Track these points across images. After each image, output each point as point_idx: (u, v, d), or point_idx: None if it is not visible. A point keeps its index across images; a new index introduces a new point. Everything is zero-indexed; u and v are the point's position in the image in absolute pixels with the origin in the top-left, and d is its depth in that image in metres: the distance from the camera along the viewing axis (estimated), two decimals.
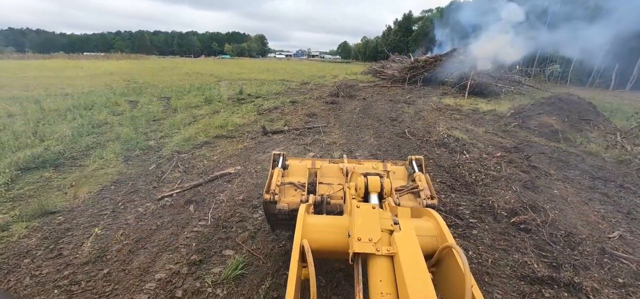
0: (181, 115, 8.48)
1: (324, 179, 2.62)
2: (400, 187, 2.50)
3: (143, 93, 12.45)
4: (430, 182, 2.46)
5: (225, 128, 7.24)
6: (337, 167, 2.75)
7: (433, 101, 13.33)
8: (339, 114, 9.67)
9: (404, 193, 2.43)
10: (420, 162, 2.74)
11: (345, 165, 2.73)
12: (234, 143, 6.21)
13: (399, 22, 74.22)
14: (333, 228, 1.53)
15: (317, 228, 1.52)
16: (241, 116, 8.64)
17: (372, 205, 1.51)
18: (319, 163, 2.80)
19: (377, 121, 8.85)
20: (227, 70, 28.48)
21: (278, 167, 2.65)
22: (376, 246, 1.27)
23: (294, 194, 2.47)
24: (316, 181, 2.60)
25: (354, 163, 2.90)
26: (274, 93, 13.68)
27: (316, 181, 2.59)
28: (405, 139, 7.03)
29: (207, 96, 11.34)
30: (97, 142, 6.03)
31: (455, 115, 10.14)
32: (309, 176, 2.63)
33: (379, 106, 11.28)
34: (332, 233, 1.50)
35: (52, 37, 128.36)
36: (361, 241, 1.28)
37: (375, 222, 1.37)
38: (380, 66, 24.88)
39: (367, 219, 1.38)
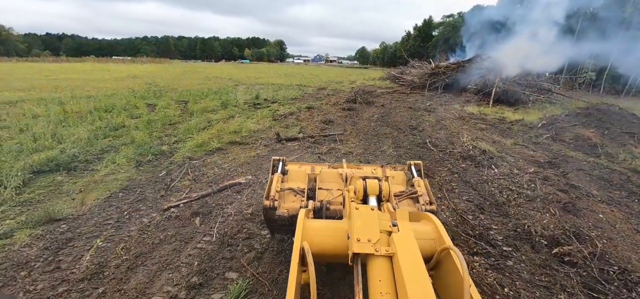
0: (197, 119, 8.44)
1: (323, 185, 2.61)
2: (399, 192, 2.49)
3: (162, 96, 12.63)
4: (429, 188, 2.44)
5: (239, 134, 7.09)
6: (336, 172, 2.74)
7: (455, 108, 12.73)
8: (356, 121, 9.34)
9: (403, 198, 2.42)
10: (419, 167, 2.75)
11: (344, 170, 2.70)
12: (247, 150, 6.02)
13: (419, 27, 72.97)
14: (332, 231, 1.53)
15: (317, 232, 1.52)
16: (256, 121, 8.50)
17: (371, 207, 1.51)
18: (318, 168, 2.79)
19: (396, 129, 8.45)
20: (245, 75, 28.83)
21: (277, 173, 2.64)
22: (375, 246, 1.27)
23: (293, 200, 2.46)
24: (315, 186, 2.58)
25: (353, 168, 2.89)
26: (291, 98, 13.54)
27: (315, 187, 2.57)
28: (427, 150, 6.60)
29: (224, 100, 11.33)
30: (112, 146, 6.02)
31: (480, 124, 9.55)
32: (308, 182, 2.62)
33: (398, 114, 10.85)
34: (332, 236, 1.50)
35: (85, 42, 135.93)
36: (360, 241, 1.29)
37: (374, 223, 1.37)
38: (399, 72, 24.33)
39: (366, 221, 1.39)
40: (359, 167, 2.95)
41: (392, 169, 2.94)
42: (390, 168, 2.95)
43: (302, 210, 1.66)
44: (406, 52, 68.38)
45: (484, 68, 16.94)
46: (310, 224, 1.58)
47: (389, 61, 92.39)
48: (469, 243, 3.23)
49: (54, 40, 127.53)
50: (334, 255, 1.48)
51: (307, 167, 2.83)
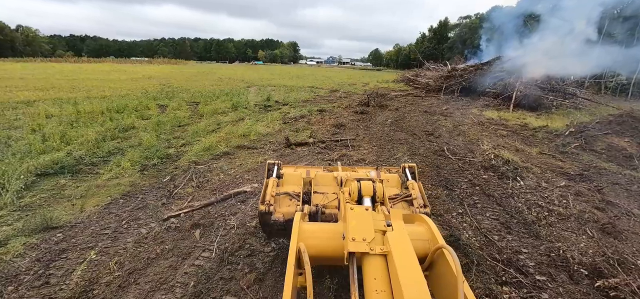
0: (206, 121, 8.32)
1: (318, 188, 2.60)
2: (394, 195, 2.50)
3: (174, 97, 12.66)
4: (423, 191, 2.45)
5: (248, 138, 6.89)
6: (331, 175, 2.72)
7: (473, 113, 12.19)
8: (369, 125, 9.00)
9: (397, 201, 2.42)
10: (413, 170, 2.74)
11: (339, 173, 2.70)
12: (255, 155, 5.80)
13: (434, 29, 71.67)
14: (328, 233, 1.54)
15: (313, 234, 1.53)
16: (266, 124, 8.29)
17: (366, 207, 1.53)
18: (313, 172, 2.77)
19: (411, 135, 8.06)
20: (257, 76, 28.90)
21: (273, 177, 2.63)
22: (370, 245, 1.29)
23: (289, 204, 2.47)
24: (311, 190, 2.57)
25: (348, 170, 2.88)
26: (302, 101, 13.32)
27: (311, 191, 2.56)
28: (445, 158, 6.20)
29: (235, 102, 11.21)
30: (119, 148, 5.92)
31: (501, 131, 9.03)
32: (303, 186, 2.61)
33: (412, 118, 10.43)
34: (327, 238, 1.51)
35: (106, 43, 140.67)
36: (355, 240, 1.30)
37: (369, 223, 1.39)
38: (414, 74, 23.77)
39: (360, 220, 1.40)
40: (354, 169, 2.95)
41: (386, 171, 2.96)
42: (385, 170, 2.97)
43: (298, 213, 1.65)
44: (421, 54, 67.18)
45: (503, 71, 16.22)
46: (306, 227, 1.59)
47: (402, 63, 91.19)
48: (496, 269, 2.86)
49: (76, 42, 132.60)
50: (330, 257, 1.49)
51: (302, 170, 2.83)
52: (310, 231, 1.57)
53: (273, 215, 2.31)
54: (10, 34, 74.93)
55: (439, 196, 4.43)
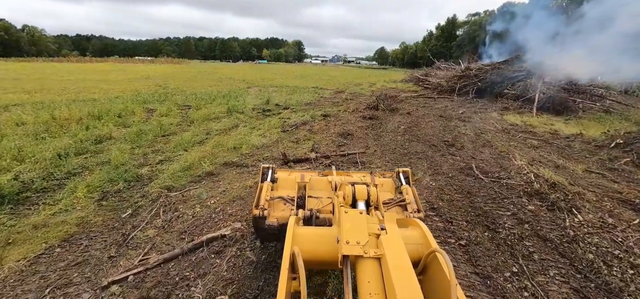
0: (194, 130, 7.34)
1: (313, 193, 2.57)
2: (388, 200, 2.48)
3: (167, 100, 11.73)
4: (417, 196, 2.45)
5: (239, 151, 5.88)
6: (325, 180, 2.70)
7: (493, 117, 11.04)
8: (380, 133, 7.93)
9: (391, 206, 2.41)
10: (407, 174, 2.74)
11: (334, 178, 2.69)
12: (243, 177, 4.78)
13: (442, 26, 69.98)
14: (322, 237, 1.54)
15: (307, 238, 1.53)
16: (262, 133, 7.28)
17: (360, 210, 1.55)
18: (308, 176, 2.75)
19: (429, 146, 6.98)
20: (260, 76, 27.93)
21: (267, 181, 2.60)
22: (364, 248, 1.29)
23: (283, 208, 2.43)
24: (305, 194, 2.54)
25: (343, 175, 2.87)
26: (305, 103, 12.28)
27: (305, 195, 2.53)
28: (474, 179, 5.12)
29: (230, 106, 10.22)
30: (84, 166, 4.96)
31: (531, 140, 7.89)
32: (298, 190, 2.59)
33: (427, 124, 9.33)
34: (322, 242, 1.51)
35: (111, 42, 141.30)
36: (349, 244, 1.31)
37: (363, 226, 1.40)
38: (424, 74, 22.56)
39: (354, 224, 1.41)
40: (349, 174, 2.96)
41: (381, 176, 2.97)
42: (379, 175, 2.98)
43: (292, 217, 1.64)
44: (429, 52, 65.54)
45: (523, 70, 14.99)
46: (300, 230, 1.59)
47: (409, 62, 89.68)
48: None
49: (82, 41, 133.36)
50: (324, 261, 1.48)
51: (296, 175, 2.80)
52: (305, 235, 1.56)
53: (267, 220, 2.27)
54: (16, 34, 75.20)
55: (480, 241, 3.36)
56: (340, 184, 2.13)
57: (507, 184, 4.92)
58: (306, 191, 2.59)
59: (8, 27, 73.43)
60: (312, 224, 2.19)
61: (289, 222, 1.58)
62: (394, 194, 2.68)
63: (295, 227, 1.57)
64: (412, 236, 1.50)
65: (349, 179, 2.53)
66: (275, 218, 2.30)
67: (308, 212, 2.26)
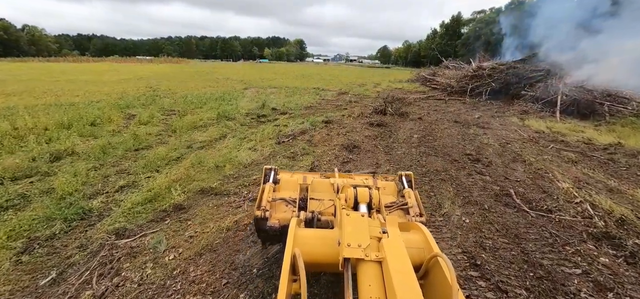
0: (174, 142, 6.28)
1: (315, 195, 2.52)
2: (390, 203, 2.45)
3: (154, 103, 10.69)
4: (419, 199, 2.41)
5: (221, 172, 4.81)
6: (328, 182, 2.65)
7: (514, 123, 9.92)
8: (391, 145, 6.84)
9: (394, 210, 2.37)
10: (410, 178, 2.68)
11: (336, 180, 2.64)
12: (222, 211, 3.71)
13: (446, 24, 68.53)
14: (324, 240, 1.53)
15: (308, 240, 1.52)
16: (252, 146, 6.21)
17: (361, 213, 1.55)
18: (310, 178, 2.72)
19: (450, 161, 5.88)
20: (259, 76, 26.85)
21: (269, 183, 2.58)
22: (365, 251, 1.28)
23: (285, 210, 2.41)
24: (307, 196, 2.50)
25: (345, 177, 2.84)
26: (305, 107, 11.20)
27: (307, 197, 2.49)
28: (517, 211, 4.02)
29: (222, 111, 9.15)
30: (24, 195, 3.91)
31: (565, 152, 6.78)
32: (300, 192, 2.54)
33: (443, 132, 8.23)
34: (323, 244, 1.50)
35: (112, 42, 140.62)
36: (351, 246, 1.29)
37: (364, 229, 1.39)
38: (431, 73, 21.40)
39: (356, 227, 1.40)
40: (351, 176, 2.91)
41: (383, 179, 2.90)
42: (382, 178, 2.91)
43: (294, 219, 1.66)
44: (432, 51, 64.09)
45: (541, 70, 13.82)
46: (302, 232, 1.60)
47: (412, 61, 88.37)
48: None
49: (84, 41, 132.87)
50: (325, 263, 1.48)
51: (299, 176, 2.76)
52: (306, 237, 1.55)
53: (269, 221, 2.22)
54: (15, 34, 74.58)
55: None
56: (342, 186, 2.12)
57: (560, 220, 3.81)
58: (308, 192, 2.55)
59: (7, 27, 72.78)
60: (313, 226, 2.15)
61: (290, 224, 1.58)
62: (396, 197, 2.64)
63: (297, 229, 1.57)
64: (413, 240, 1.48)
65: (351, 182, 2.50)
66: (276, 220, 2.27)
67: (310, 214, 2.22)
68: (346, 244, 1.29)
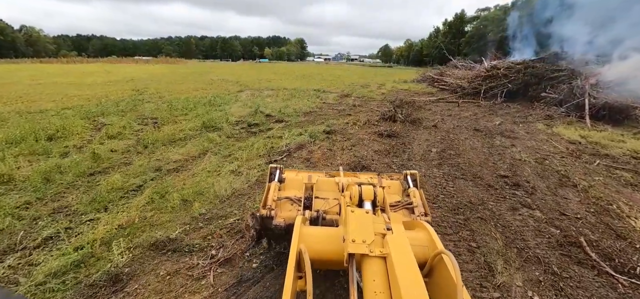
0: (141, 162, 5.11)
1: (320, 194, 2.51)
2: (395, 202, 2.41)
3: (133, 110, 9.53)
4: (424, 199, 2.39)
5: (188, 211, 3.63)
6: (333, 181, 2.62)
7: (540, 130, 8.74)
8: (406, 163, 5.67)
9: (399, 209, 2.35)
10: (415, 177, 2.66)
11: (341, 179, 2.62)
12: (176, 284, 2.53)
13: (450, 22, 67.17)
14: (329, 237, 1.52)
15: (313, 238, 1.51)
16: (236, 167, 5.02)
17: (366, 210, 1.56)
18: (315, 176, 2.70)
19: (483, 187, 4.70)
20: (257, 77, 25.65)
21: (274, 182, 2.55)
22: (369, 247, 1.27)
23: (290, 209, 2.40)
24: (312, 195, 2.49)
25: (350, 176, 2.82)
26: (304, 113, 10.01)
27: (312, 195, 2.48)
28: (599, 275, 2.84)
29: (207, 120, 7.96)
30: None
31: (616, 170, 5.60)
32: (305, 190, 2.53)
33: (465, 143, 7.03)
34: (328, 242, 1.49)
35: (111, 42, 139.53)
36: (355, 242, 1.29)
37: (369, 225, 1.38)
38: (438, 73, 20.16)
39: (360, 223, 1.39)
40: (356, 175, 2.89)
41: (388, 178, 2.86)
42: (387, 177, 2.87)
43: (299, 217, 1.62)
44: (435, 49, 62.72)
45: (564, 70, 12.60)
46: (307, 230, 1.58)
47: (414, 60, 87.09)
48: None
49: (83, 42, 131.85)
50: (330, 261, 1.46)
51: (304, 175, 2.75)
52: (311, 234, 1.54)
53: (274, 220, 2.21)
54: (12, 35, 73.56)
55: None
56: (347, 185, 2.13)
57: None
58: (313, 191, 2.52)
59: (3, 28, 71.74)
60: (318, 224, 2.12)
61: (295, 222, 1.56)
62: (401, 196, 2.57)
63: (302, 227, 1.55)
64: (418, 237, 1.46)
65: (355, 180, 2.47)
66: (282, 218, 2.24)
67: (315, 212, 2.21)
68: (351, 240, 1.29)
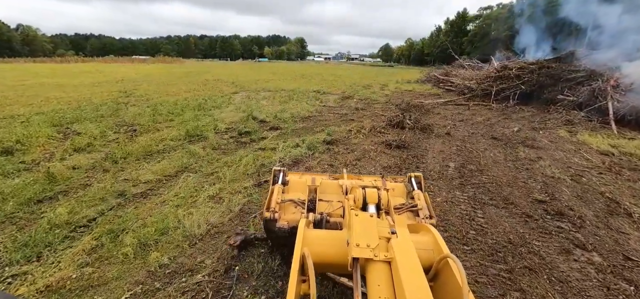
0: (103, 185, 4.22)
1: (323, 196, 2.49)
2: (400, 205, 2.37)
3: (114, 115, 8.64)
4: (429, 201, 2.34)
5: (144, 263, 2.73)
6: (336, 183, 2.61)
7: (564, 138, 7.85)
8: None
9: (403, 211, 2.32)
10: (420, 179, 2.59)
11: (344, 181, 2.59)
12: None
13: (451, 21, 66.17)
14: (332, 241, 1.51)
15: (317, 241, 1.50)
16: (217, 192, 4.12)
17: (370, 214, 1.51)
18: (319, 179, 2.69)
19: (519, 217, 3.80)
20: (254, 77, 24.73)
21: (278, 184, 2.54)
22: (374, 251, 1.26)
23: (293, 211, 2.38)
24: (316, 197, 2.46)
25: (354, 178, 2.77)
26: (302, 118, 9.11)
27: (316, 198, 2.46)
28: None
29: (192, 128, 7.06)
30: None
31: None
32: (308, 193, 2.49)
33: (484, 154, 6.14)
34: (332, 245, 1.48)
35: (109, 41, 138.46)
36: (359, 246, 1.27)
37: (373, 229, 1.36)
38: (444, 73, 19.26)
39: (365, 227, 1.37)
40: (360, 177, 2.83)
41: (392, 180, 2.83)
42: (391, 179, 2.84)
43: (303, 220, 1.60)
44: (437, 49, 61.75)
45: (583, 70, 11.69)
46: (311, 233, 1.57)
47: (415, 59, 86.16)
48: None
49: (81, 41, 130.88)
50: (334, 264, 1.45)
51: (307, 177, 2.72)
52: (315, 237, 1.52)
53: (278, 222, 2.21)
54: (7, 34, 72.56)
55: None
56: (351, 187, 2.10)
57: None
58: (317, 194, 2.50)
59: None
60: (322, 227, 2.08)
61: (299, 225, 1.54)
62: (405, 199, 2.53)
63: (306, 230, 1.54)
64: (423, 241, 1.44)
65: (359, 183, 2.33)
66: (285, 221, 2.23)
67: (318, 215, 2.16)
68: (355, 244, 1.27)
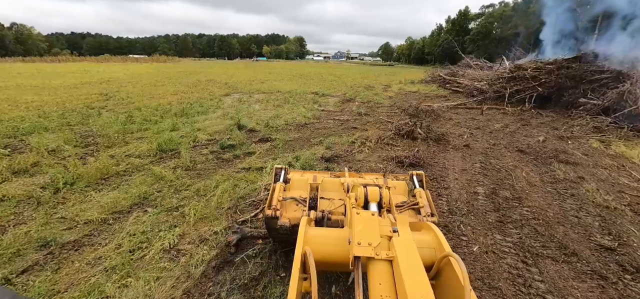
0: (22, 232, 3.14)
1: (325, 194, 2.51)
2: (401, 203, 2.38)
3: (82, 124, 7.55)
4: (430, 199, 2.35)
5: None
6: (338, 181, 2.63)
7: (599, 150, 6.83)
8: (446, 218, 3.70)
9: (404, 209, 2.33)
10: (421, 178, 2.63)
11: (346, 179, 2.60)
12: None
13: (453, 20, 65.04)
14: (334, 239, 1.52)
15: (319, 239, 1.51)
16: (176, 242, 3.04)
17: (372, 212, 1.53)
18: (320, 177, 2.70)
19: (585, 273, 2.74)
20: (249, 77, 23.59)
21: (280, 182, 2.55)
22: (375, 250, 1.26)
23: (295, 209, 2.39)
24: (317, 195, 2.49)
25: (355, 176, 2.81)
26: (297, 126, 8.03)
27: (317, 196, 2.49)
28: None
29: (167, 140, 5.97)
30: None
31: None
32: (310, 191, 2.52)
33: (516, 175, 5.08)
34: (333, 244, 1.49)
35: (106, 40, 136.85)
36: (361, 245, 1.28)
37: (375, 228, 1.37)
38: (450, 74, 18.18)
39: (366, 225, 1.39)
40: (361, 176, 2.85)
41: (394, 178, 2.83)
42: (393, 177, 2.84)
43: (304, 218, 1.63)
44: (438, 48, 60.55)
45: (608, 71, 10.64)
46: (312, 231, 1.58)
47: (416, 58, 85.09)
48: None
49: (77, 40, 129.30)
50: (335, 262, 1.46)
51: (309, 176, 2.73)
52: (316, 235, 1.53)
53: (279, 220, 2.23)
54: (1, 33, 71.14)
55: None
56: (353, 185, 2.05)
57: None
58: (318, 192, 2.52)
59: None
60: (323, 225, 2.11)
61: (300, 222, 1.56)
62: (407, 197, 2.55)
63: (307, 227, 1.55)
64: (425, 239, 1.44)
65: (361, 181, 2.46)
66: (287, 219, 2.25)
67: (320, 213, 2.17)
68: (356, 243, 1.28)
